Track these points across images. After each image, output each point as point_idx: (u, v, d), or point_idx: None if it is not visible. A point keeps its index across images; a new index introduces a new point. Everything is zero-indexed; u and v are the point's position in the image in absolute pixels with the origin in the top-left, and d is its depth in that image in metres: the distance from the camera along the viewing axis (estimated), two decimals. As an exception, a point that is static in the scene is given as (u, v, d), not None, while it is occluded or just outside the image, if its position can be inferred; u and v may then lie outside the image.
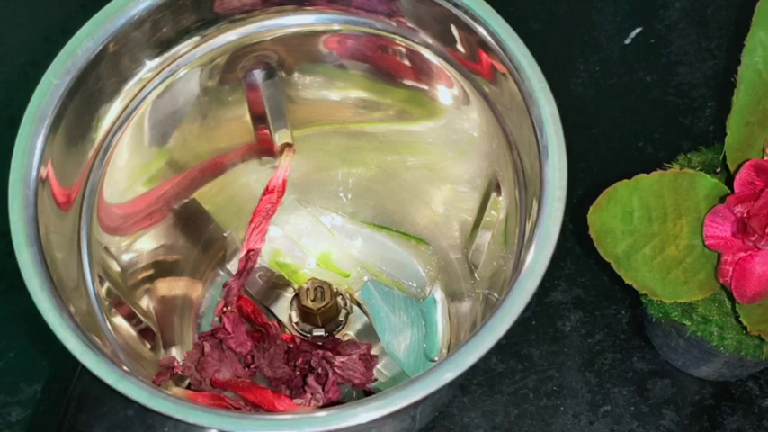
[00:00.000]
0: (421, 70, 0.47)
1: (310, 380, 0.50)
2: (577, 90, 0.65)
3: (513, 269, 0.40)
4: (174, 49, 0.45)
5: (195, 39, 0.45)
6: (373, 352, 0.53)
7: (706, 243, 0.46)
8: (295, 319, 0.55)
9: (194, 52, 0.46)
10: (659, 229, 0.46)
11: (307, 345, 0.53)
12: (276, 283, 0.56)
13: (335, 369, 0.51)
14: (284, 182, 0.55)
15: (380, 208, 0.57)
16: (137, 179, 0.48)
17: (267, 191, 0.55)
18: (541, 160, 0.40)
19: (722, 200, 0.46)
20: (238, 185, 0.54)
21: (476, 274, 0.52)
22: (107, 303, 0.45)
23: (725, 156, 0.47)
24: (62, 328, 0.37)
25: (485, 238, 0.51)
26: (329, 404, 0.50)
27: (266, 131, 0.52)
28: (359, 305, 0.56)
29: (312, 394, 0.50)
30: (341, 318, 0.55)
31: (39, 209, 0.39)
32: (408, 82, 0.48)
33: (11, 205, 0.38)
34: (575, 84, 0.65)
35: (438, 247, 0.56)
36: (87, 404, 0.40)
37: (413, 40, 0.45)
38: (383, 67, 0.48)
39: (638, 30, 0.66)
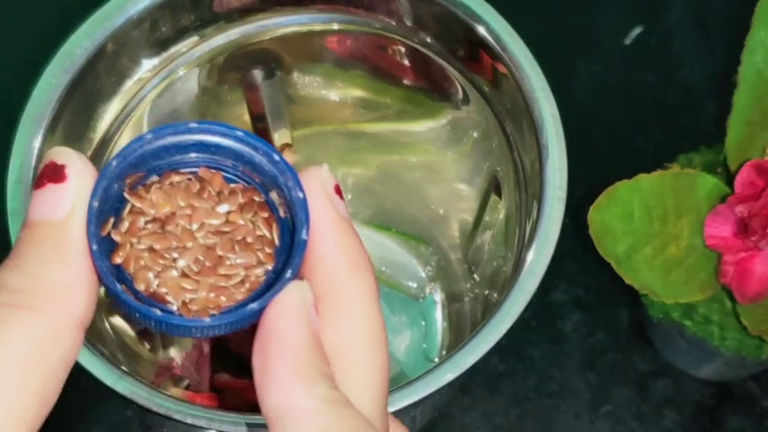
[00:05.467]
0: (421, 70, 0.47)
1: (310, 380, 0.50)
2: (577, 90, 0.65)
3: (513, 269, 0.40)
4: (173, 49, 0.45)
5: (194, 38, 0.45)
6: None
7: (707, 243, 0.46)
8: (295, 319, 0.55)
9: (193, 52, 0.46)
10: (660, 229, 0.46)
11: (306, 345, 0.53)
12: (276, 284, 0.56)
13: (335, 369, 0.51)
14: (284, 182, 0.54)
15: (380, 208, 0.57)
16: (136, 179, 0.48)
17: (267, 191, 0.55)
18: (541, 160, 0.39)
19: (723, 200, 0.46)
20: (238, 185, 0.54)
21: (476, 275, 0.52)
22: (106, 303, 0.45)
23: (725, 156, 0.47)
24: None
25: (485, 238, 0.50)
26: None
27: (266, 131, 0.51)
28: (359, 305, 0.56)
29: (312, 395, 0.49)
30: (341, 318, 0.55)
31: (37, 209, 0.39)
32: (408, 82, 0.48)
33: (9, 206, 0.38)
34: (575, 84, 0.65)
35: (438, 247, 0.56)
36: (86, 405, 0.40)
37: (412, 40, 0.45)
38: (383, 66, 0.48)
39: (638, 30, 0.66)
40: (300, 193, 0.22)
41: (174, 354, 0.51)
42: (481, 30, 0.42)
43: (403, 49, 0.46)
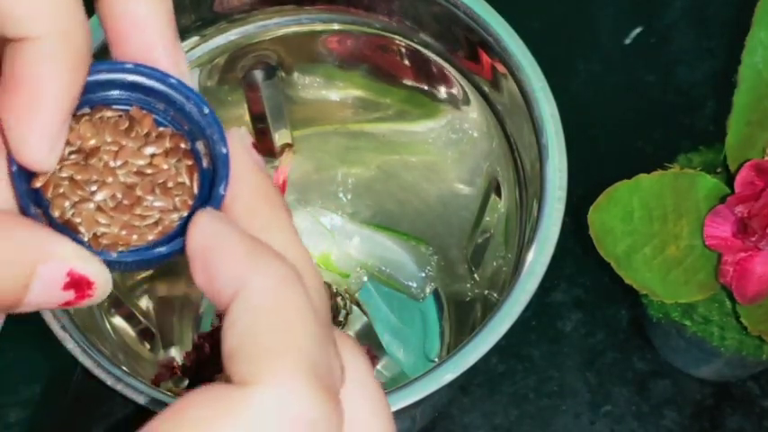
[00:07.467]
0: (421, 70, 0.47)
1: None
2: (577, 90, 0.65)
3: (513, 269, 0.40)
4: (174, 49, 0.45)
5: (195, 39, 0.45)
6: (373, 352, 0.53)
7: (706, 243, 0.46)
8: (295, 319, 0.55)
9: (194, 52, 0.46)
10: (659, 230, 0.46)
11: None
12: (276, 284, 0.56)
13: (335, 369, 0.51)
14: (284, 182, 0.54)
15: (380, 208, 0.57)
16: (136, 179, 0.48)
17: (267, 191, 0.55)
18: (542, 160, 0.39)
19: (722, 200, 0.46)
20: (238, 185, 0.54)
21: (476, 275, 0.52)
22: (106, 304, 0.45)
23: (725, 156, 0.47)
24: (62, 329, 0.37)
25: (485, 238, 0.50)
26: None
27: (266, 131, 0.51)
28: (359, 305, 0.56)
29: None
30: (341, 318, 0.55)
31: (38, 209, 0.39)
32: (408, 82, 0.48)
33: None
34: (575, 84, 0.65)
35: (438, 247, 0.56)
36: (86, 405, 0.40)
37: (413, 40, 0.45)
38: (383, 66, 0.48)
39: (638, 29, 0.66)
40: (224, 149, 0.23)
41: (175, 354, 0.51)
42: (481, 30, 0.42)
43: (403, 49, 0.46)
